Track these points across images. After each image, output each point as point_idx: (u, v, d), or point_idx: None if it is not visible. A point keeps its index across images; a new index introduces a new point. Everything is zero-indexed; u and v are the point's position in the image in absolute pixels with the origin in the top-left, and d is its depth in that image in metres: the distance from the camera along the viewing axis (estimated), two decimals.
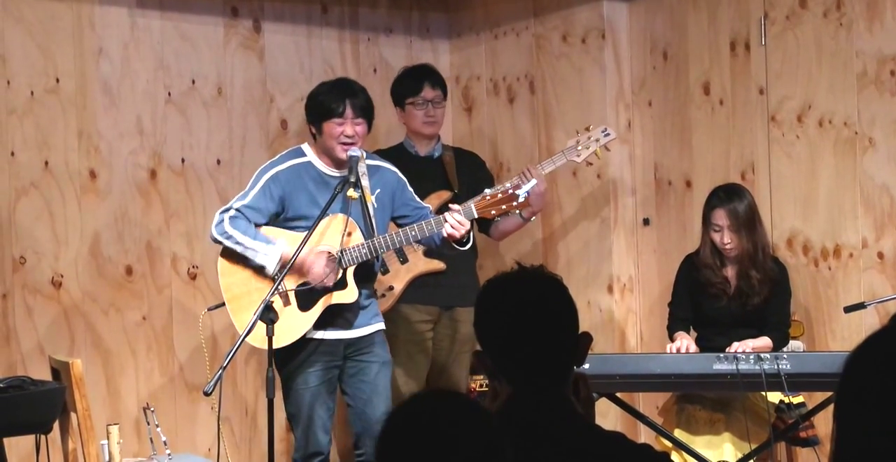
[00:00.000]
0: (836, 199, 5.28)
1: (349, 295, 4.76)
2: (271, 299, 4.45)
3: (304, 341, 4.79)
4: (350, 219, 4.72)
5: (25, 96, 5.40)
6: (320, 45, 6.23)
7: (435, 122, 5.64)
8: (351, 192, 4.63)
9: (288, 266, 4.57)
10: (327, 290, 4.74)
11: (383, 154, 5.27)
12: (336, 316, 4.81)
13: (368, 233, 4.79)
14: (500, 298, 2.47)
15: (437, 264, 5.49)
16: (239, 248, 4.70)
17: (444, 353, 5.65)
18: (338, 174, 4.83)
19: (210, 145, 5.88)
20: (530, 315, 2.42)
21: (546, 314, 2.43)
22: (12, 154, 5.37)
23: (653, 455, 2.40)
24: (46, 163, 5.44)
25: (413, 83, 5.63)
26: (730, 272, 5.11)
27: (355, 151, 4.75)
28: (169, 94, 5.77)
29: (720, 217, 5.03)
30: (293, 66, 6.13)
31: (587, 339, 2.49)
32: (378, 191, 4.90)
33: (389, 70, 6.40)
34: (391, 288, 5.48)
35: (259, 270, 4.73)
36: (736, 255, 5.05)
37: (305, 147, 4.94)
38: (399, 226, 4.91)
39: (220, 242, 4.76)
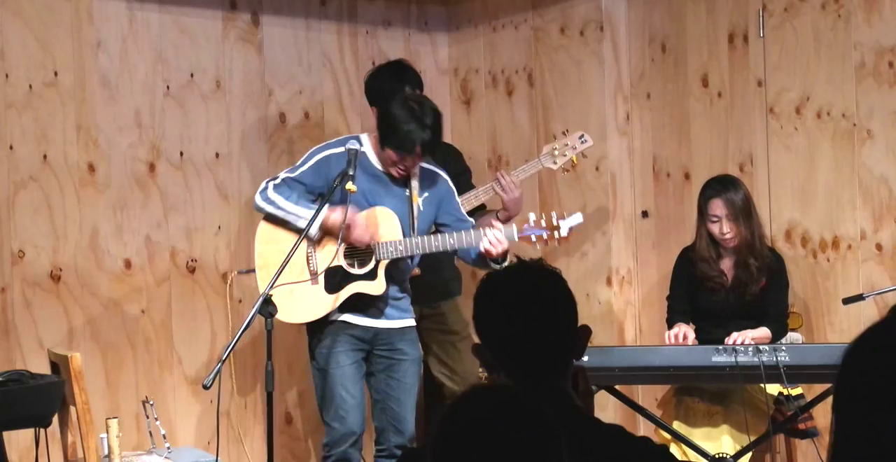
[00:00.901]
0: (834, 190, 5.28)
1: (377, 287, 4.80)
2: (270, 292, 4.46)
3: (334, 325, 4.85)
4: (391, 213, 4.79)
5: (24, 89, 5.39)
6: (319, 38, 6.22)
7: None
8: (349, 186, 4.65)
9: (301, 237, 4.61)
10: (356, 278, 4.78)
11: None
12: (367, 304, 4.86)
13: (409, 231, 4.84)
14: (500, 291, 2.47)
15: (413, 270, 5.46)
16: (280, 213, 4.79)
17: (436, 346, 5.67)
18: (385, 172, 4.85)
19: (209, 138, 5.87)
20: (529, 308, 2.42)
21: (545, 307, 2.43)
22: (11, 147, 5.36)
23: (652, 447, 2.40)
24: (45, 156, 5.44)
25: (395, 86, 5.46)
26: (726, 264, 5.11)
27: (354, 144, 4.76)
28: (167, 87, 5.76)
29: (717, 207, 5.02)
30: (292, 59, 6.13)
31: (586, 331, 2.50)
32: (426, 195, 4.93)
33: None
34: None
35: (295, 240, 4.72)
36: (735, 245, 5.05)
37: (364, 138, 4.96)
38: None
39: (262, 209, 4.84)
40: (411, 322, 4.99)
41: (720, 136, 5.67)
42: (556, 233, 4.75)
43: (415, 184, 4.91)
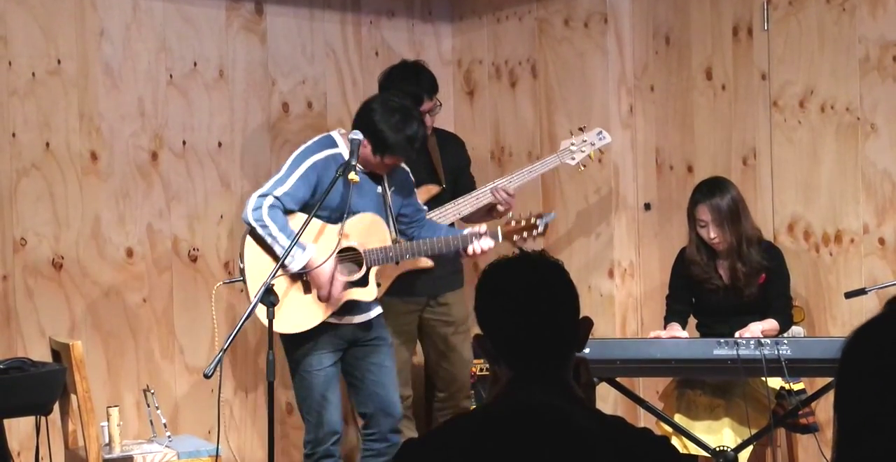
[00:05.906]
0: (837, 184, 5.28)
1: (368, 294, 4.90)
2: (272, 282, 4.46)
3: (317, 327, 4.85)
4: (379, 218, 4.86)
5: (27, 77, 5.39)
6: (322, 28, 6.22)
7: (428, 127, 5.53)
8: (352, 176, 4.65)
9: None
10: (349, 285, 4.83)
11: None
12: (351, 304, 4.91)
13: (389, 227, 4.91)
14: (502, 283, 2.46)
15: (426, 262, 5.46)
16: (269, 240, 4.74)
17: (440, 337, 5.67)
18: (361, 168, 4.85)
19: (211, 128, 5.87)
20: (531, 300, 2.41)
21: (547, 299, 2.42)
22: (14, 135, 5.36)
23: (653, 439, 2.40)
24: (48, 144, 5.43)
25: (413, 94, 5.39)
26: (720, 265, 5.11)
27: (357, 134, 4.76)
28: (171, 76, 5.76)
29: (703, 212, 5.03)
30: (295, 48, 6.12)
31: (588, 323, 2.49)
32: (393, 187, 4.99)
33: (391, 53, 6.38)
34: (378, 284, 5.47)
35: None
36: (724, 248, 5.05)
37: (336, 136, 4.97)
38: (396, 223, 4.99)
39: (253, 227, 4.77)
40: (379, 310, 5.06)
41: (723, 128, 5.66)
42: (534, 231, 4.97)
43: (385, 179, 4.98)
